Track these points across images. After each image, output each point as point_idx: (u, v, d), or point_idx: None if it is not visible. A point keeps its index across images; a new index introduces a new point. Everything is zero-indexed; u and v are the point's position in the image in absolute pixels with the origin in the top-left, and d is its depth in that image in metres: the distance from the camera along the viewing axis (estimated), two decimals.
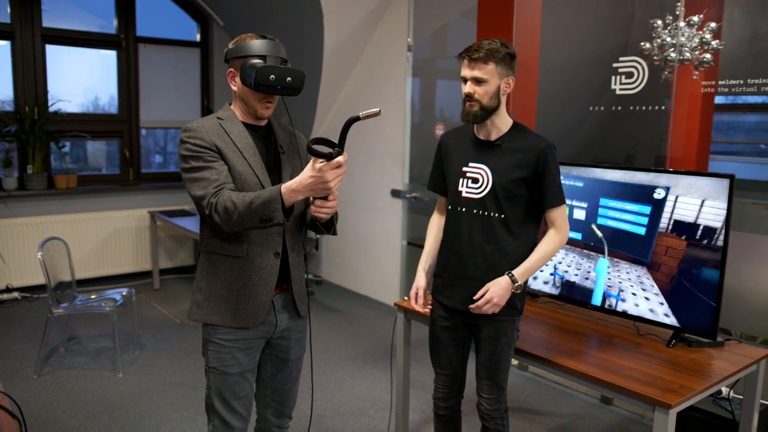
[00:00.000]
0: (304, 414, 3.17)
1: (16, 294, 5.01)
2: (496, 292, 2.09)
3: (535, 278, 3.04)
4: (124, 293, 3.96)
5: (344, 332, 4.53)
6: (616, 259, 2.75)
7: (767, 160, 3.21)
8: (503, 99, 2.14)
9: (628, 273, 2.70)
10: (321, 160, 1.65)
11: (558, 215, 2.16)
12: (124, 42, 5.57)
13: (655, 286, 2.61)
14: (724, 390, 2.77)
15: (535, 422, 3.25)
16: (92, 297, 3.93)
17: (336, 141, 1.69)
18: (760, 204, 2.99)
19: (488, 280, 2.14)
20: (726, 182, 2.37)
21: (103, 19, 5.59)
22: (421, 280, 2.35)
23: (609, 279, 2.76)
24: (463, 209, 2.21)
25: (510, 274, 2.11)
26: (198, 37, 6.04)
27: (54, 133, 5.18)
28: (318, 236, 5.58)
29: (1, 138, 4.96)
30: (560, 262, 2.95)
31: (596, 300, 2.76)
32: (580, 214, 2.88)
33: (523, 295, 2.24)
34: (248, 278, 1.90)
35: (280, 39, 1.94)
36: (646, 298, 2.65)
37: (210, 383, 1.97)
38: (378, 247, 5.20)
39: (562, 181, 2.82)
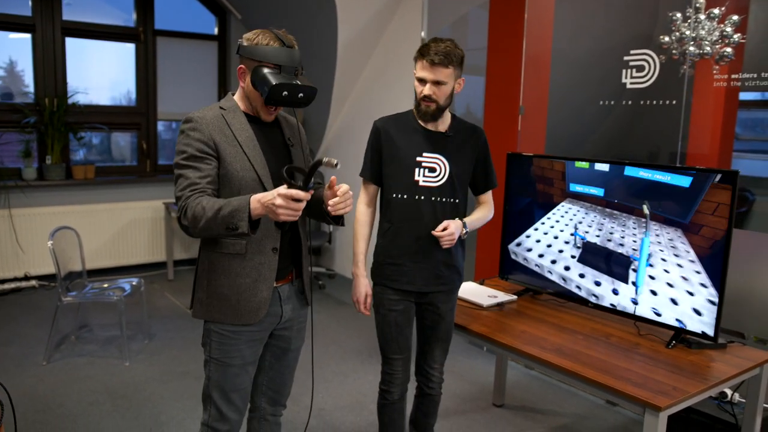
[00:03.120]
0: (304, 406, 3.17)
1: (33, 282, 5.11)
2: (454, 229, 2.25)
3: (555, 237, 2.87)
4: (133, 283, 4.01)
5: (351, 326, 4.52)
6: (642, 219, 2.47)
7: None
8: (454, 97, 2.33)
9: (657, 236, 2.40)
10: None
11: (490, 195, 2.47)
12: (143, 35, 5.63)
13: (692, 251, 2.32)
14: (729, 393, 2.69)
15: (537, 421, 3.20)
16: (104, 286, 3.98)
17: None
18: None
19: (449, 258, 2.34)
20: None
21: (122, 12, 5.66)
22: (368, 286, 2.41)
23: (633, 242, 2.51)
24: (422, 197, 2.31)
25: (463, 221, 2.32)
26: (216, 31, 6.08)
27: (72, 124, 5.27)
28: (331, 230, 5.58)
29: (21, 129, 5.07)
30: (581, 222, 2.75)
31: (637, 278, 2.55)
32: (603, 166, 2.62)
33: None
34: (248, 275, 1.89)
35: (294, 32, 1.91)
36: (679, 265, 2.36)
37: (210, 374, 1.96)
38: None
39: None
